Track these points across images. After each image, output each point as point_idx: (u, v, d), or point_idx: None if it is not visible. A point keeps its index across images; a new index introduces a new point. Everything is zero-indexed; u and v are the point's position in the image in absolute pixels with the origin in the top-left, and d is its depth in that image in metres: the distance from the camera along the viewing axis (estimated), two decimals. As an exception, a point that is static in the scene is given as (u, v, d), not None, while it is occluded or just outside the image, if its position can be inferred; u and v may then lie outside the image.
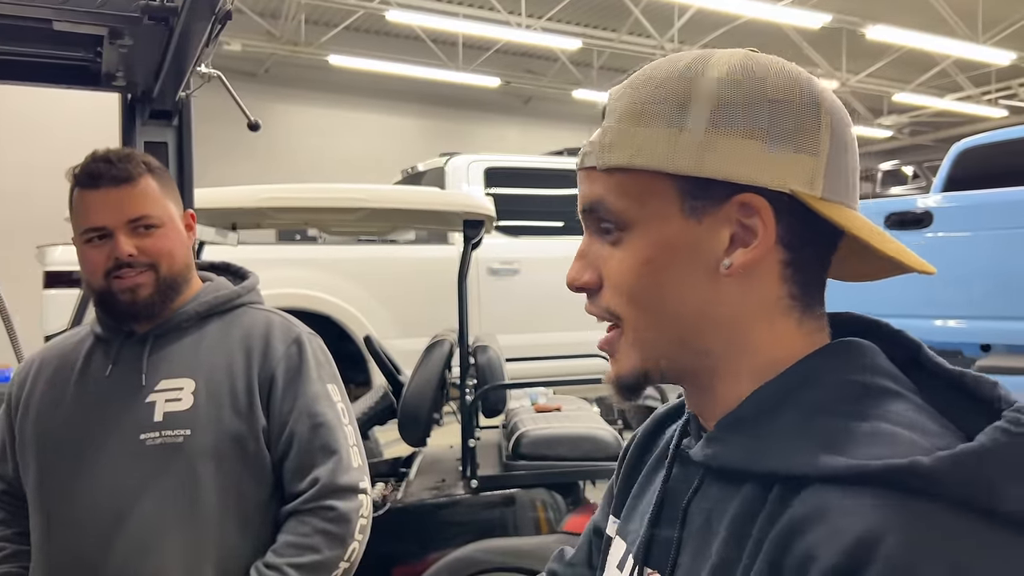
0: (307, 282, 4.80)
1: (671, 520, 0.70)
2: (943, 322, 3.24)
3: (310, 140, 13.28)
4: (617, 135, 0.65)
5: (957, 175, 4.51)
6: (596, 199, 0.67)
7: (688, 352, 0.67)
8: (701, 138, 0.63)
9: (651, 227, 0.65)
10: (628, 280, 0.66)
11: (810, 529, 0.53)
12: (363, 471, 1.49)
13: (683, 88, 0.64)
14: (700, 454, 0.68)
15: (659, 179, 0.64)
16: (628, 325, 0.67)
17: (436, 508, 2.80)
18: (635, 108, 0.65)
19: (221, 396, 1.42)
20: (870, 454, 0.54)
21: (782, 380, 0.64)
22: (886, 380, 0.62)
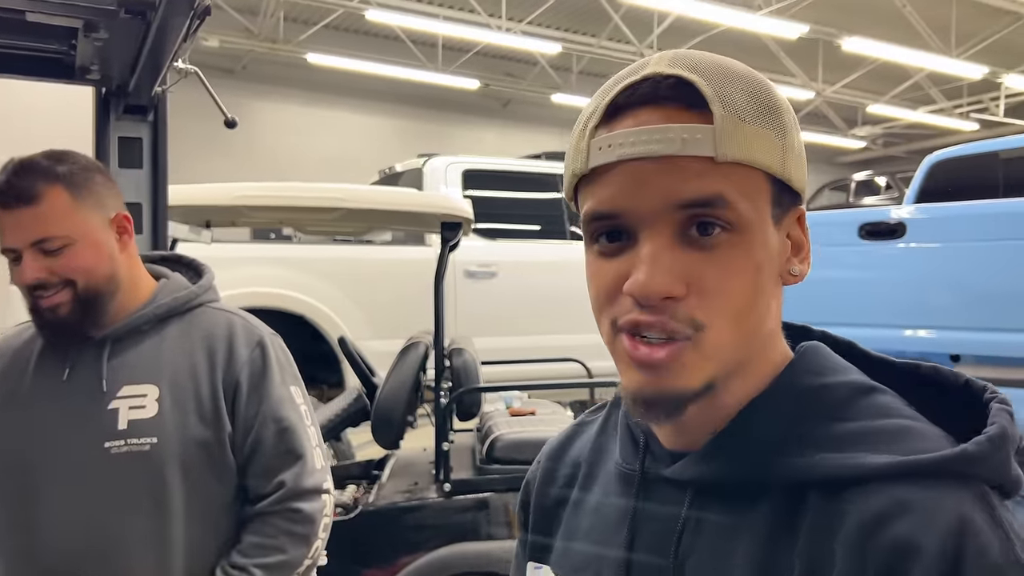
0: (281, 281, 4.76)
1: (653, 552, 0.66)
2: (913, 332, 3.27)
3: (288, 139, 13.18)
4: (736, 127, 0.60)
5: (929, 187, 4.56)
6: (713, 193, 0.59)
7: (748, 358, 0.65)
8: (792, 144, 0.64)
9: (762, 231, 0.62)
10: (741, 291, 0.61)
11: (896, 521, 0.55)
12: (325, 471, 1.50)
13: (767, 91, 0.63)
14: (694, 472, 0.65)
15: (765, 181, 0.62)
16: (711, 336, 0.61)
17: (408, 511, 2.78)
18: (746, 103, 0.61)
19: (186, 402, 1.41)
20: (911, 448, 0.58)
21: (776, 391, 0.65)
22: (862, 377, 0.65)
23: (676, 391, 0.61)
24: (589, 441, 0.81)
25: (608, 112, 0.63)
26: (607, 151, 0.61)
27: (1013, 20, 11.42)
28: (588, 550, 0.72)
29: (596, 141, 0.63)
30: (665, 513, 0.67)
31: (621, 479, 0.72)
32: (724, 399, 0.65)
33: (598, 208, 0.62)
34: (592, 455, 0.79)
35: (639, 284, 0.59)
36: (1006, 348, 2.96)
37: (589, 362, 4.27)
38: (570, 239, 5.82)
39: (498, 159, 6.22)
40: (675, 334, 0.60)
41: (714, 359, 0.61)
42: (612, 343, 0.64)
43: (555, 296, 5.45)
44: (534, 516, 0.82)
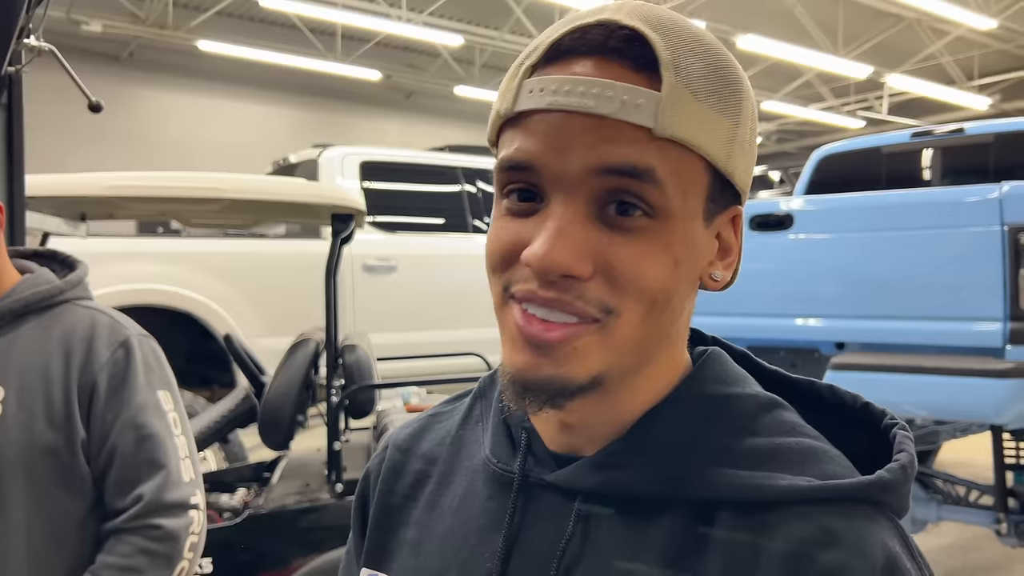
0: (165, 277, 4.53)
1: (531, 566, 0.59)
2: (803, 321, 3.35)
3: (179, 129, 12.70)
4: (686, 101, 0.53)
5: (817, 180, 4.72)
6: (645, 166, 0.52)
7: (651, 357, 0.58)
8: (745, 135, 0.57)
9: (685, 224, 0.55)
10: (655, 283, 0.54)
11: (826, 551, 0.52)
12: (195, 485, 1.39)
13: (732, 71, 0.56)
14: (586, 481, 0.58)
15: (703, 171, 0.55)
16: (621, 321, 0.54)
17: (299, 514, 2.68)
18: (704, 77, 0.54)
19: (34, 405, 1.29)
20: (827, 472, 0.55)
21: (677, 400, 0.60)
22: (762, 390, 0.62)
23: (561, 379, 0.54)
24: (448, 434, 0.72)
25: (549, 53, 0.56)
26: (537, 96, 0.54)
27: (895, 23, 11.98)
28: (446, 558, 0.63)
29: (528, 83, 0.55)
30: (547, 523, 0.60)
31: (493, 480, 0.64)
32: (620, 401, 0.59)
33: (514, 157, 0.55)
34: (451, 450, 0.70)
35: (537, 255, 0.52)
36: (888, 335, 3.07)
37: (490, 356, 4.23)
38: (472, 232, 5.76)
39: (397, 151, 6.09)
40: (582, 316, 0.54)
41: (615, 350, 0.55)
42: (501, 311, 0.57)
43: (456, 290, 5.39)
44: (375, 513, 0.72)
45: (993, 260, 2.78)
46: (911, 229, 3.01)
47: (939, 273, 2.95)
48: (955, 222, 2.91)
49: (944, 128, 4.40)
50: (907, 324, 3.01)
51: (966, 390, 2.82)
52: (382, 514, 0.71)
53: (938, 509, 3.48)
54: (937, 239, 2.94)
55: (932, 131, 4.43)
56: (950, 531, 4.31)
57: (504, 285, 0.56)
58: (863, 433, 0.61)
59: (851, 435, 0.61)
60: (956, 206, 2.93)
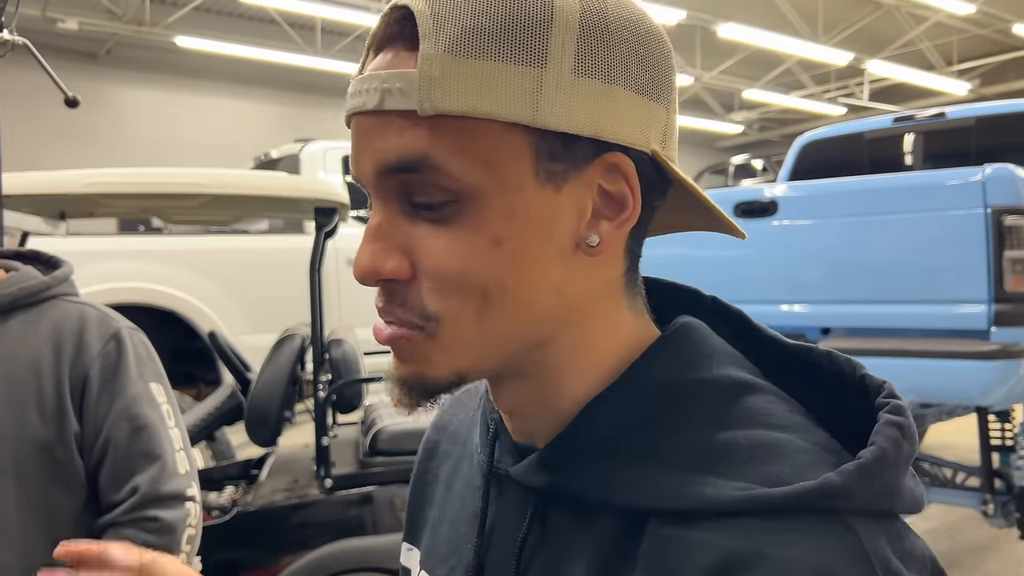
0: (148, 275, 4.50)
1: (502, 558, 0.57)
2: (789, 307, 3.36)
3: (159, 126, 12.59)
4: (450, 66, 0.47)
5: (800, 167, 4.73)
6: (415, 156, 0.48)
7: (525, 345, 0.53)
8: (568, 81, 0.48)
9: (501, 198, 0.49)
10: (469, 269, 0.49)
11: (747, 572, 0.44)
12: (190, 477, 1.37)
13: (543, 10, 0.48)
14: (533, 479, 0.55)
15: (510, 133, 0.48)
16: (447, 326, 0.51)
17: (288, 510, 2.66)
18: (474, 29, 0.47)
19: (25, 400, 1.27)
20: (766, 474, 0.48)
21: (624, 388, 0.54)
22: (735, 369, 0.54)
23: (417, 378, 0.52)
24: (468, 415, 0.71)
25: (366, 53, 0.53)
26: (347, 101, 0.53)
27: (874, 9, 12.03)
28: (451, 543, 0.63)
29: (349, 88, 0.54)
30: (513, 516, 0.58)
31: (477, 470, 0.63)
32: (544, 388, 0.55)
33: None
34: (467, 432, 0.69)
35: (357, 264, 0.51)
36: (873, 319, 3.08)
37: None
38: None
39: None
40: (405, 324, 0.51)
41: (454, 350, 0.51)
42: None
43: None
44: (411, 489, 0.73)
45: (977, 242, 2.80)
46: (895, 213, 3.02)
47: (923, 257, 2.96)
48: (938, 205, 2.93)
49: (926, 113, 4.42)
50: (892, 308, 3.03)
51: (952, 373, 2.84)
52: (417, 490, 0.73)
53: (925, 491, 3.50)
54: (921, 223, 2.96)
55: (914, 116, 4.45)
56: (936, 514, 4.35)
57: None
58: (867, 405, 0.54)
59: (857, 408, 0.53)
60: (939, 189, 2.95)
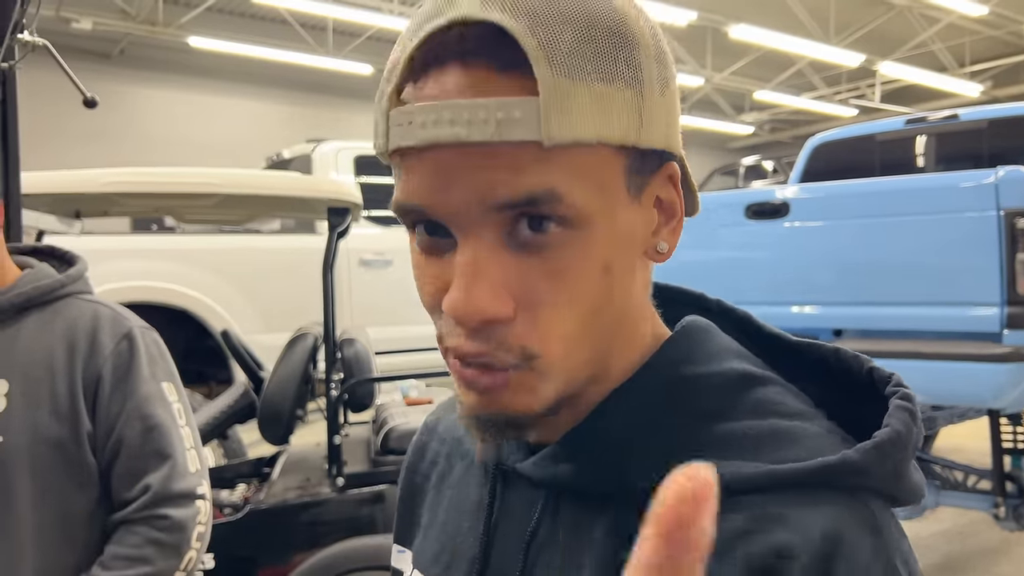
0: (161, 274, 4.52)
1: (508, 553, 0.58)
2: (800, 309, 3.36)
3: (171, 127, 12.64)
4: (569, 93, 0.45)
5: (812, 168, 4.72)
6: (541, 191, 0.46)
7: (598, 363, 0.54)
8: (653, 97, 0.49)
9: (610, 219, 0.49)
10: (583, 300, 0.49)
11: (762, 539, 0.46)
12: (201, 476, 1.39)
13: (622, 31, 0.48)
14: (547, 473, 0.56)
15: (614, 156, 0.49)
16: (546, 363, 0.50)
17: (300, 508, 2.68)
18: (580, 51, 0.46)
19: (39, 398, 1.28)
20: (785, 456, 0.49)
21: (637, 383, 0.55)
22: (743, 363, 0.56)
23: (515, 414, 0.51)
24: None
25: (406, 73, 0.48)
26: (407, 130, 0.47)
27: (886, 10, 11.98)
28: (443, 541, 0.64)
29: (395, 115, 0.48)
30: (519, 514, 0.58)
31: (481, 467, 0.63)
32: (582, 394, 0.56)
33: (405, 200, 0.50)
34: (462, 434, 0.70)
35: (454, 305, 0.48)
36: (885, 321, 3.08)
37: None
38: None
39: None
40: (503, 365, 0.49)
41: (553, 379, 0.51)
42: (445, 356, 0.54)
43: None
44: (402, 490, 0.74)
45: (990, 245, 2.79)
46: (907, 215, 3.02)
47: (936, 259, 2.95)
48: (951, 207, 2.92)
49: (938, 115, 4.40)
50: (904, 310, 3.02)
51: (964, 375, 2.83)
52: (407, 492, 0.73)
53: (936, 495, 3.49)
54: (933, 225, 2.95)
55: (926, 118, 4.44)
56: (948, 516, 4.33)
57: (438, 333, 0.53)
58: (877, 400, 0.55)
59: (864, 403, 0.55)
60: (952, 191, 2.94)
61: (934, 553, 3.94)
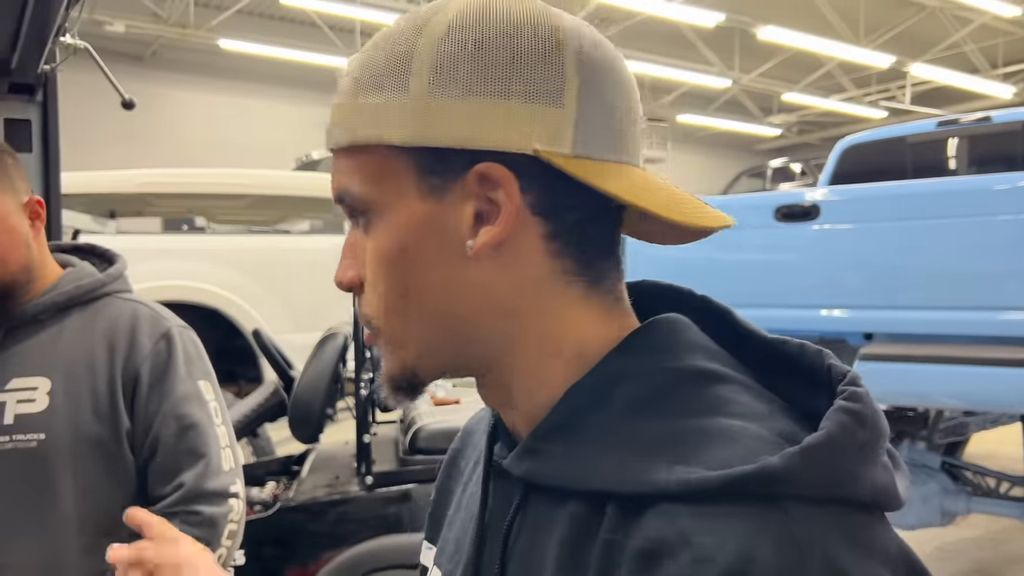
0: (193, 274, 4.58)
1: (495, 547, 0.60)
2: (828, 312, 3.34)
3: (201, 128, 12.80)
4: (345, 110, 0.58)
5: (842, 170, 4.69)
6: (341, 185, 0.58)
7: (461, 343, 0.58)
8: (425, 101, 0.54)
9: (393, 211, 0.57)
10: (379, 271, 0.57)
11: (671, 558, 0.45)
12: (235, 474, 1.41)
13: (407, 45, 0.56)
14: (517, 468, 0.58)
15: (395, 155, 0.56)
16: (384, 325, 0.58)
17: (329, 506, 2.70)
18: (364, 74, 0.57)
19: (80, 396, 1.31)
20: (715, 458, 0.48)
21: (594, 377, 0.56)
22: (705, 360, 0.56)
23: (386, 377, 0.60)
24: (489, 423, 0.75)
25: None
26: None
27: (917, 11, 11.86)
28: (458, 537, 0.67)
29: None
30: (502, 508, 0.61)
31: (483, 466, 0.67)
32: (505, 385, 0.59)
33: None
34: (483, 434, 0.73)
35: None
36: (917, 325, 3.05)
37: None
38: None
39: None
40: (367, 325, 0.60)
41: (397, 346, 0.59)
42: None
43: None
44: (436, 490, 0.78)
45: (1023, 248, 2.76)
46: (940, 218, 2.99)
47: (968, 262, 2.92)
48: (984, 210, 2.89)
49: (970, 117, 4.35)
50: (936, 314, 2.99)
51: (997, 380, 2.80)
52: (442, 491, 0.76)
53: (968, 501, 3.45)
54: (966, 228, 2.92)
55: (958, 120, 4.39)
56: (980, 523, 4.28)
57: None
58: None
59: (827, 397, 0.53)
60: (985, 194, 2.91)
61: (966, 560, 3.90)
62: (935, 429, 3.50)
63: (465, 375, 0.61)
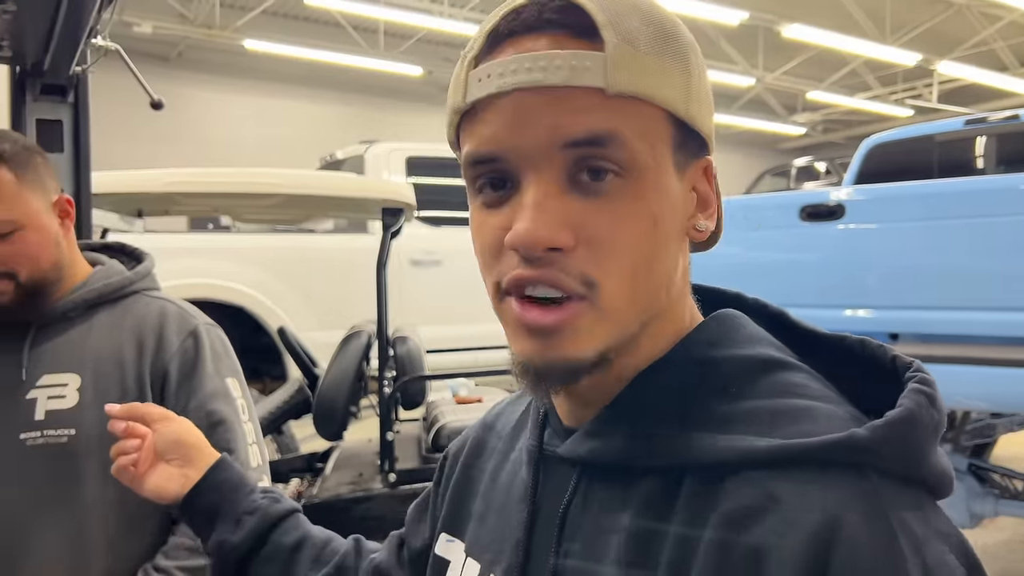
0: (219, 272, 4.63)
1: (547, 532, 0.61)
2: (853, 312, 3.31)
3: (226, 128, 12.89)
4: (632, 56, 0.53)
5: (867, 169, 4.64)
6: (605, 131, 0.53)
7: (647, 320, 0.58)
8: (698, 86, 0.57)
9: (657, 178, 0.55)
10: (635, 243, 0.54)
11: (760, 520, 0.48)
12: (263, 471, 1.42)
13: (669, 22, 0.57)
14: (579, 450, 0.59)
15: (661, 122, 0.55)
16: (607, 293, 0.54)
17: (353, 503, 2.73)
18: (644, 31, 0.54)
19: (110, 393, 1.33)
20: (797, 431, 0.51)
21: (675, 360, 0.58)
22: (772, 350, 0.59)
23: (568, 360, 0.54)
24: (516, 415, 0.76)
25: (489, 41, 0.57)
26: (486, 82, 0.55)
27: (945, 8, 11.71)
28: (496, 530, 0.67)
29: (475, 72, 0.56)
30: (556, 493, 0.61)
31: (527, 456, 0.67)
32: (621, 367, 0.58)
33: (478, 149, 0.56)
34: (514, 430, 0.75)
35: (519, 234, 0.53)
36: (944, 325, 3.02)
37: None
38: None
39: (441, 145, 6.12)
40: (566, 290, 0.53)
41: (610, 320, 0.55)
42: (499, 307, 0.58)
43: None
44: (456, 482, 0.77)
45: (1054, 248, 2.72)
46: (967, 218, 2.96)
47: (997, 262, 2.89)
48: (1013, 210, 2.85)
49: (999, 115, 4.30)
50: (964, 314, 2.96)
51: (1025, 381, 2.76)
52: (462, 484, 0.76)
53: (995, 504, 3.41)
54: (994, 227, 2.88)
55: (986, 118, 4.33)
56: (1008, 525, 4.22)
57: (496, 279, 0.57)
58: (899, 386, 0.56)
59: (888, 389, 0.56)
60: (1014, 193, 2.87)
61: (995, 562, 3.85)
62: (962, 431, 3.46)
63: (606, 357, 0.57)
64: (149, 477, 0.94)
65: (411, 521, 0.86)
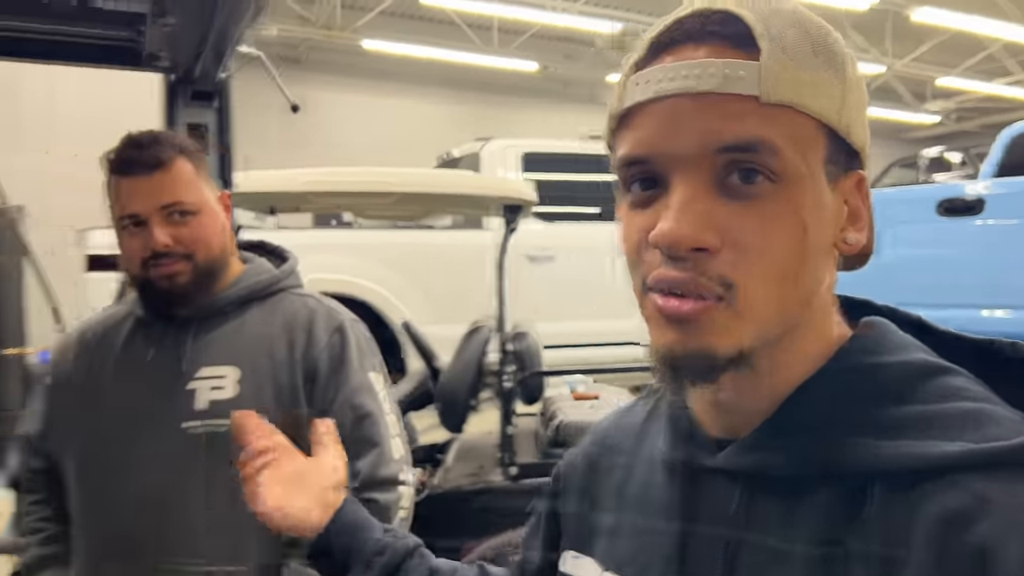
0: (343, 267, 4.80)
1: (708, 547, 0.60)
2: (990, 312, 3.14)
3: (345, 127, 13.29)
4: (786, 66, 0.54)
5: (1009, 161, 4.37)
6: (756, 138, 0.53)
7: (787, 330, 0.57)
8: (853, 97, 0.58)
9: (810, 187, 0.55)
10: (783, 250, 0.54)
11: (979, 520, 0.48)
12: (404, 462, 1.46)
13: (825, 34, 0.58)
14: (743, 463, 0.59)
15: (817, 131, 0.56)
16: (746, 297, 0.54)
17: (474, 495, 2.78)
18: (799, 41, 0.56)
19: (265, 386, 1.40)
20: (985, 435, 0.51)
21: (837, 369, 0.58)
22: (928, 355, 0.59)
23: (706, 350, 0.55)
24: (635, 428, 0.75)
25: (652, 50, 0.59)
26: (643, 87, 0.57)
27: (1096, -15, 10.88)
28: (633, 545, 0.67)
29: (634, 78, 0.58)
30: (714, 507, 0.61)
31: (664, 469, 0.67)
32: (767, 377, 0.58)
33: (630, 152, 0.57)
34: (636, 442, 0.74)
35: (664, 233, 0.54)
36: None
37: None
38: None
39: (556, 141, 6.15)
40: (704, 293, 0.54)
41: (748, 320, 0.55)
42: (643, 303, 0.59)
43: (614, 279, 5.39)
44: (577, 500, 0.77)
45: None
46: None
47: None
48: None
49: None
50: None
51: None
52: (583, 501, 0.76)
53: None
54: None
55: None
56: None
57: (641, 277, 0.58)
58: None
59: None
60: None
61: None
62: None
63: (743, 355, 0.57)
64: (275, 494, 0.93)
65: (527, 548, 0.86)
